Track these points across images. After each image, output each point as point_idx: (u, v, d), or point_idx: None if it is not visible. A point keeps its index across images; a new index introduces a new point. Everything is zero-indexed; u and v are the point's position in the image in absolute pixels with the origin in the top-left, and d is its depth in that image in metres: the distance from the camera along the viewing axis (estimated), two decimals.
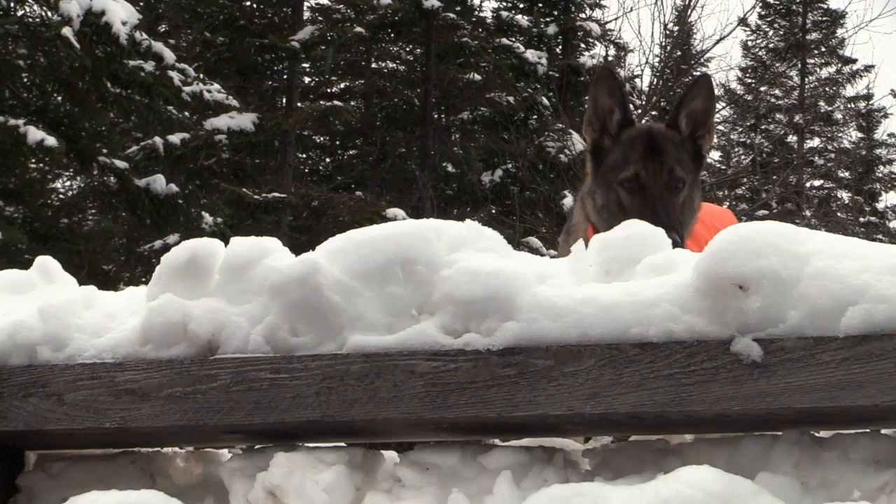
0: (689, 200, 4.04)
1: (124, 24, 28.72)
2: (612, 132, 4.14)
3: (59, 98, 29.37)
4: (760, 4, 54.06)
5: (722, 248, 3.94)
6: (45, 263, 4.67)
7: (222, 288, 4.23)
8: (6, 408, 4.21)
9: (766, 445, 3.93)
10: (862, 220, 54.40)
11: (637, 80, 43.79)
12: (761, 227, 4.01)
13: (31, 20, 29.74)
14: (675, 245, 4.02)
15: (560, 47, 43.19)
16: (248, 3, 40.80)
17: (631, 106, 3.98)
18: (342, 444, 4.14)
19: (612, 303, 3.96)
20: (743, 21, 47.06)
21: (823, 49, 57.07)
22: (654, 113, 41.27)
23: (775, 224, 4.05)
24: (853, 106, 60.11)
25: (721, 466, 3.79)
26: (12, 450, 4.33)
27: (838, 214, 51.31)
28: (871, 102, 59.86)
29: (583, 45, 43.63)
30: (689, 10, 40.12)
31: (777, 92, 56.71)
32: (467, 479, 4.04)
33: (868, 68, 57.11)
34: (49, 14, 29.05)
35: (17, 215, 28.45)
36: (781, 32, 56.29)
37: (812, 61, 56.91)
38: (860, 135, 61.12)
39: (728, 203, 41.86)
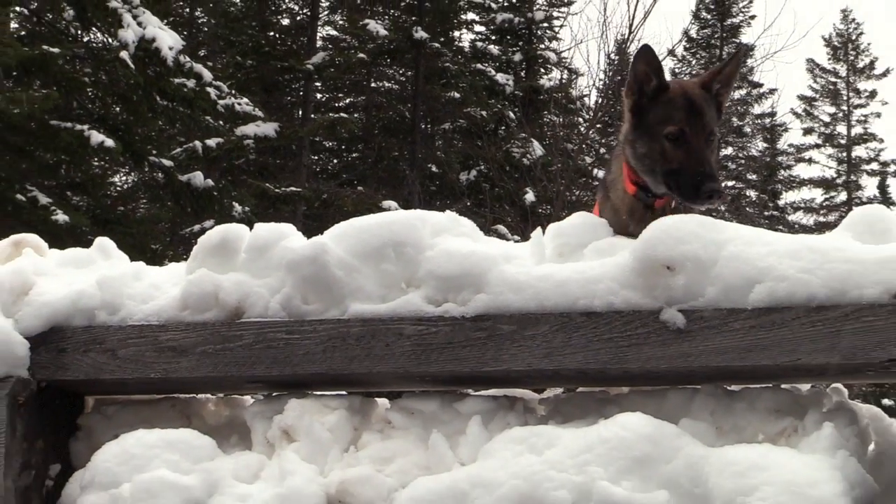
0: (717, 152, 4.03)
1: (171, 49, 28.68)
2: (650, 95, 4.10)
3: (117, 108, 29.32)
4: (686, 38, 54.36)
5: (654, 235, 3.93)
6: (103, 243, 4.65)
7: (247, 264, 4.21)
8: (69, 361, 4.18)
9: (687, 397, 3.91)
10: (766, 214, 54.77)
11: (585, 99, 43.94)
12: (686, 218, 4.01)
13: (94, 45, 29.69)
14: (717, 194, 3.99)
15: (524, 71, 43.21)
16: (272, 33, 40.88)
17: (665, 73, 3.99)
18: (343, 392, 4.13)
19: (564, 279, 3.94)
20: (671, 52, 47.41)
21: (737, 76, 57.32)
22: (598, 126, 41.70)
23: (697, 216, 4.04)
24: (759, 121, 60.36)
25: (651, 413, 3.80)
26: (74, 395, 4.29)
27: (747, 210, 51.61)
28: (774, 119, 60.12)
29: (542, 70, 43.68)
30: (628, 44, 40.09)
31: None
32: (445, 421, 4.03)
33: (772, 91, 57.51)
34: (109, 40, 29.00)
35: (83, 203, 28.44)
36: (703, 62, 56.49)
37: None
38: (765, 145, 61.31)
39: None
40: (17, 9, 29.27)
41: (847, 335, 3.67)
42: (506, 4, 44.37)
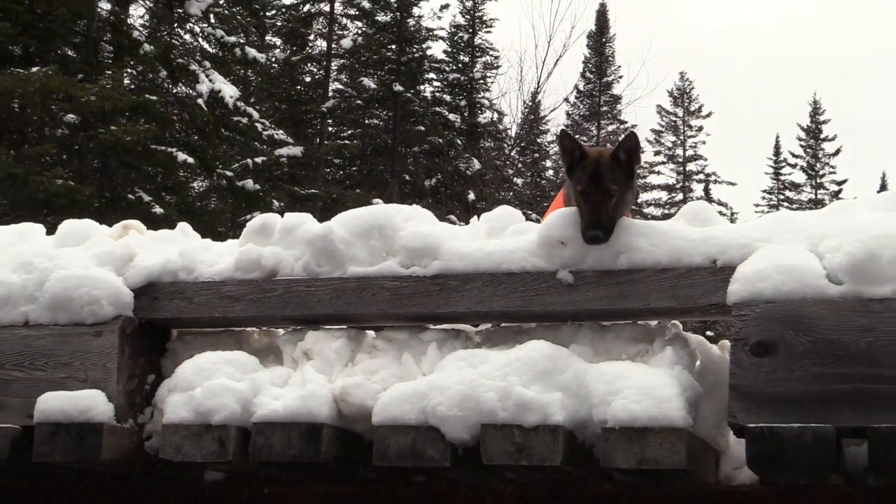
0: (618, 204, 3.94)
1: (231, 97, 28.62)
2: (576, 161, 4.03)
3: (195, 137, 29.22)
4: (576, 90, 54.60)
5: (552, 221, 3.95)
6: (184, 227, 4.63)
7: (279, 240, 4.19)
8: (160, 305, 4.17)
9: (574, 330, 3.90)
10: (631, 208, 55.07)
11: (508, 131, 44.02)
12: (572, 210, 3.98)
13: (180, 94, 29.55)
14: (593, 240, 3.92)
15: (467, 112, 43.18)
16: (299, 87, 40.81)
17: (583, 144, 3.94)
18: (344, 326, 4.10)
19: (492, 251, 3.94)
20: (566, 99, 47.86)
21: (610, 116, 57.28)
22: (517, 149, 41.85)
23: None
24: None
25: (550, 340, 3.78)
26: (163, 328, 4.26)
27: None
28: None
29: (479, 112, 43.63)
30: (539, 94, 40.12)
31: (584, 138, 57.11)
32: (412, 346, 4.01)
33: (634, 126, 57.92)
34: (190, 91, 28.88)
35: (171, 200, 28.35)
36: (587, 106, 56.60)
37: (604, 122, 57.13)
38: None
39: None
40: (128, 70, 29.10)
41: (682, 288, 3.68)
42: (455, 68, 44.33)
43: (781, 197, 63.63)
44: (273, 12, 40.83)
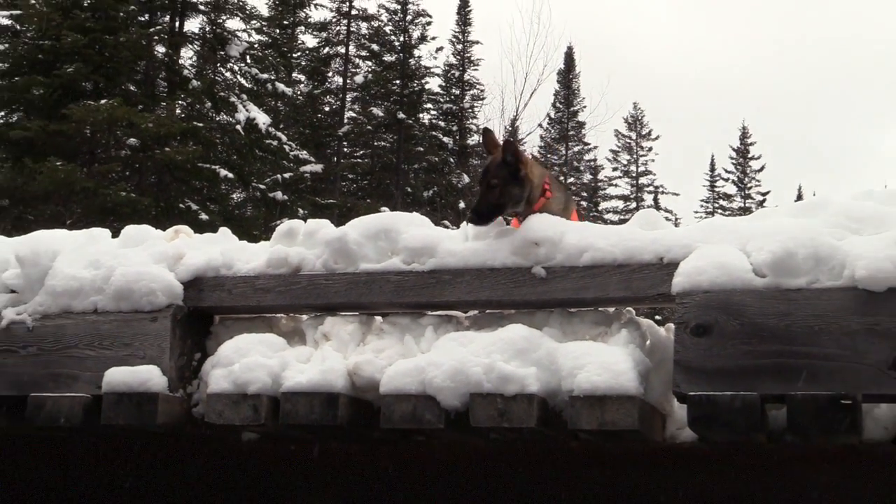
0: (501, 195, 3.97)
1: (264, 123, 28.65)
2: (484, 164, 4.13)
3: (234, 156, 29.17)
4: (548, 117, 54.46)
5: (528, 226, 3.92)
6: (225, 231, 4.61)
7: (303, 242, 4.17)
8: (206, 296, 4.15)
9: (546, 315, 3.88)
10: (592, 214, 54.71)
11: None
12: (543, 216, 3.98)
13: (221, 121, 29.53)
14: (473, 219, 3.99)
15: (458, 136, 43.11)
16: (319, 115, 40.76)
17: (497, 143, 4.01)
18: (356, 313, 4.08)
19: (478, 250, 3.92)
20: (539, 125, 47.73)
21: (577, 139, 57.24)
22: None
23: (552, 217, 4.00)
24: (589, 163, 60.63)
25: (526, 324, 3.77)
26: (208, 315, 4.24)
27: (582, 212, 52.17)
28: (596, 161, 60.33)
29: (468, 135, 43.53)
30: (517, 121, 40.08)
31: (554, 158, 57.00)
32: (413, 329, 3.99)
33: (595, 147, 58.16)
34: (230, 119, 28.85)
35: (215, 209, 28.25)
36: (557, 129, 56.49)
37: (571, 143, 57.10)
38: (591, 175, 61.35)
39: None
40: (179, 101, 29.06)
41: (635, 280, 3.66)
42: (448, 99, 44.29)
43: (716, 205, 63.64)
44: (298, 54, 40.82)
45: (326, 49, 42.11)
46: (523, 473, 4.00)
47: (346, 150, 41.82)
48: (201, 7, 31.40)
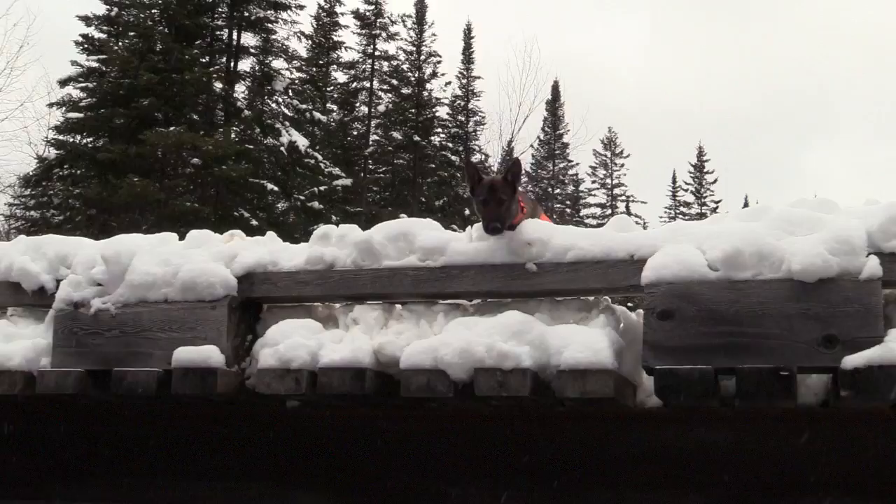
0: (507, 209, 3.91)
1: (303, 145, 28.66)
2: (476, 182, 3.99)
3: (279, 173, 29.20)
4: (538, 139, 54.39)
5: (522, 228, 3.88)
6: (271, 234, 4.57)
7: (336, 243, 4.14)
8: (256, 288, 4.13)
9: (537, 303, 3.85)
10: (574, 220, 54.71)
11: (491, 168, 43.91)
12: (536, 221, 3.96)
13: (268, 143, 29.57)
14: (497, 229, 3.88)
15: (463, 154, 43.05)
16: (349, 138, 40.78)
17: (479, 174, 3.89)
18: (380, 302, 4.06)
19: (480, 249, 3.89)
20: (531, 146, 47.66)
21: (562, 157, 57.10)
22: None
23: (542, 222, 3.99)
24: (572, 176, 60.51)
25: (521, 311, 3.74)
26: (258, 304, 4.21)
27: (566, 217, 51.90)
28: (577, 175, 60.24)
29: (472, 154, 43.50)
30: (512, 142, 40.04)
31: (543, 172, 56.84)
32: (427, 315, 3.97)
33: (577, 164, 58.55)
34: (275, 142, 28.83)
35: (263, 216, 28.29)
36: (546, 150, 56.36)
37: (557, 161, 56.98)
38: (573, 187, 61.22)
39: None
40: (234, 128, 29.15)
41: (611, 274, 3.64)
42: (455, 124, 44.24)
43: (677, 211, 63.51)
44: (331, 88, 40.91)
45: (354, 84, 42.22)
46: (518, 433, 3.99)
47: (370, 167, 41.86)
48: (252, 50, 31.53)
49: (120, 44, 29.48)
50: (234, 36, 31.10)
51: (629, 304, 4.31)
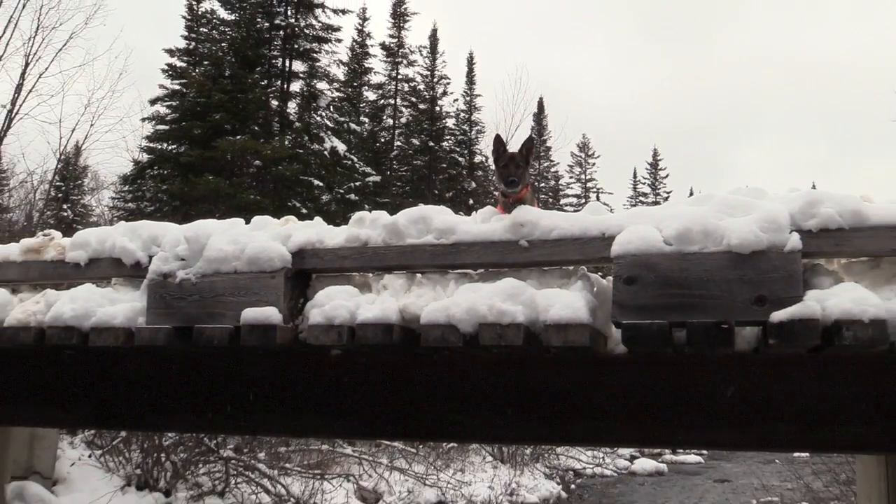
0: (522, 173, 3.89)
1: (342, 150, 28.47)
2: (501, 153, 3.99)
3: (323, 172, 29.10)
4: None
5: (517, 213, 3.85)
6: (318, 219, 4.53)
7: (369, 226, 4.12)
8: (306, 261, 4.11)
9: (528, 272, 3.84)
10: (555, 207, 54.46)
11: (490, 167, 43.69)
12: (528, 207, 3.91)
13: (314, 149, 29.44)
14: (514, 182, 3.91)
15: (469, 156, 42.90)
16: (377, 144, 40.61)
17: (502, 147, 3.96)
18: (404, 272, 4.05)
19: (486, 231, 3.86)
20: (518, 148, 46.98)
21: (546, 158, 56.75)
22: (494, 177, 41.56)
23: (532, 208, 3.94)
24: (554, 171, 60.07)
25: (515, 277, 3.74)
26: (308, 274, 4.18)
27: (549, 205, 51.66)
28: (557, 171, 59.82)
29: (474, 156, 43.32)
30: (507, 140, 39.86)
31: (531, 170, 56.67)
32: (441, 282, 3.96)
33: (558, 162, 58.15)
34: (320, 147, 28.67)
35: (311, 206, 28.24)
36: (533, 152, 55.95)
37: (542, 161, 56.66)
38: (554, 181, 60.89)
39: None
40: (287, 136, 29.04)
41: (588, 248, 3.62)
42: (461, 133, 44.02)
43: (637, 200, 63.32)
44: (364, 104, 40.73)
45: (382, 101, 42.06)
46: (514, 373, 3.99)
47: (395, 166, 41.71)
48: (301, 75, 31.40)
49: (197, 70, 29.51)
50: (287, 63, 31.08)
51: (601, 272, 4.30)
